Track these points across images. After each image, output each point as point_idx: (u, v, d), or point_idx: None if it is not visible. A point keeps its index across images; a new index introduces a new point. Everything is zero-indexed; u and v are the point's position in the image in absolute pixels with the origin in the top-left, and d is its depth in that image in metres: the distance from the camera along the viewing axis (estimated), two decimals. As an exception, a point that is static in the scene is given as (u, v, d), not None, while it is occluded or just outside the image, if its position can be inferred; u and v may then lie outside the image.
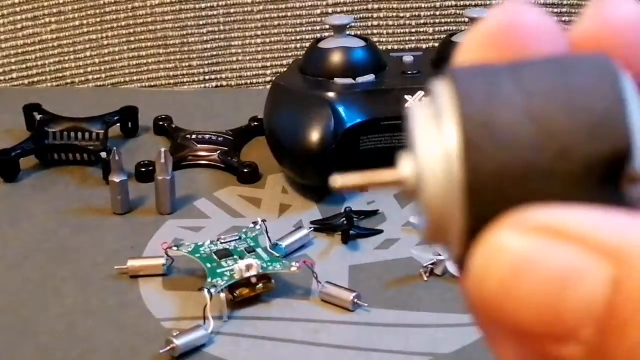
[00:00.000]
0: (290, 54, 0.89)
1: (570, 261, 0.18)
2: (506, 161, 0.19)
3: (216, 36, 0.93)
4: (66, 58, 0.93)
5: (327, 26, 0.76)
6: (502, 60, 0.20)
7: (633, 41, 0.21)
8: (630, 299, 0.17)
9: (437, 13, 0.92)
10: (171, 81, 0.94)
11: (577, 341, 0.18)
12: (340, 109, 0.70)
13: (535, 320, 0.18)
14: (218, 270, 0.58)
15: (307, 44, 0.77)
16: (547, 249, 0.18)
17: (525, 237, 0.18)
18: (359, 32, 0.79)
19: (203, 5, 0.92)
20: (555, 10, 0.92)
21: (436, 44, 0.79)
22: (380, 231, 0.66)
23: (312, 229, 0.65)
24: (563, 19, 0.92)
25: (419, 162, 0.20)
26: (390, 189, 0.21)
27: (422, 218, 0.21)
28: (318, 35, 0.78)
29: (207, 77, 0.94)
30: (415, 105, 0.21)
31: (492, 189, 0.19)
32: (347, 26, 0.74)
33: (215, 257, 0.60)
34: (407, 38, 0.92)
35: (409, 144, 0.21)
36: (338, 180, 0.21)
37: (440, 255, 0.61)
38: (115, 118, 0.80)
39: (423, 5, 0.91)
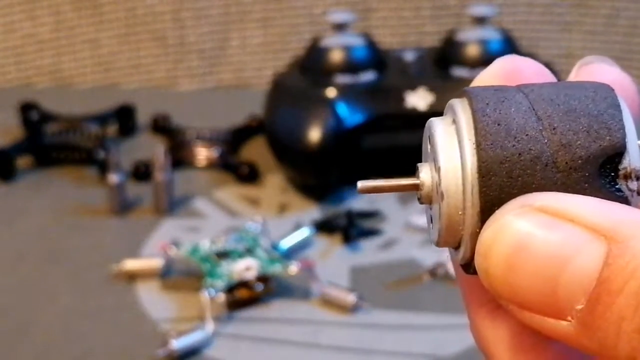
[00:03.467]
0: (290, 53, 0.89)
1: (568, 239, 0.20)
2: (516, 151, 0.21)
3: (215, 35, 0.92)
4: (64, 57, 0.93)
5: (327, 24, 0.75)
6: None
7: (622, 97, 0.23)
8: (620, 273, 0.19)
9: (439, 10, 0.91)
10: (170, 80, 0.93)
11: (571, 316, 0.20)
12: (341, 108, 0.69)
13: (535, 294, 0.20)
14: (217, 271, 0.58)
15: (307, 43, 0.76)
16: (547, 228, 0.20)
17: (529, 217, 0.20)
18: (359, 30, 0.78)
19: (202, 4, 0.91)
20: (557, 10, 0.91)
21: (437, 42, 0.79)
22: (381, 231, 0.66)
23: (312, 229, 0.64)
24: (563, 18, 0.91)
25: (439, 157, 0.22)
26: (409, 191, 0.24)
27: (434, 221, 0.23)
28: (318, 33, 0.78)
29: (206, 76, 0.93)
30: (435, 118, 0.23)
31: (504, 175, 0.21)
32: (348, 24, 0.73)
33: (214, 257, 0.59)
34: (408, 36, 0.92)
35: (425, 154, 0.24)
36: (362, 184, 0.23)
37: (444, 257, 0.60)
38: (113, 117, 0.80)
39: (424, 3, 0.91)
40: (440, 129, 0.23)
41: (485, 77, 0.25)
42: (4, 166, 0.73)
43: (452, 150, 0.22)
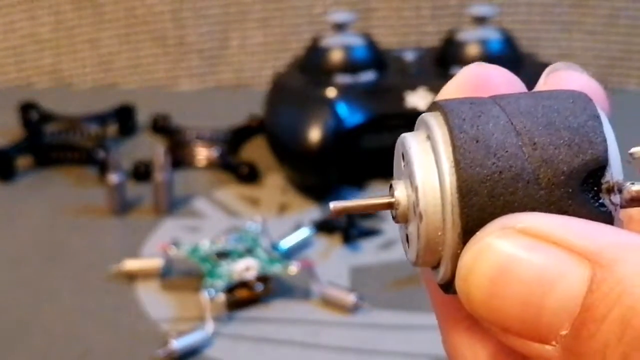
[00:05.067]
0: (290, 53, 0.89)
1: (551, 263, 0.19)
2: (496, 169, 0.21)
3: (215, 35, 0.92)
4: (64, 57, 0.93)
5: (327, 24, 0.75)
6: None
7: None
8: (604, 299, 0.18)
9: (439, 10, 0.91)
10: (170, 80, 0.93)
11: (555, 341, 0.19)
12: (341, 108, 0.69)
13: (518, 318, 0.19)
14: (217, 271, 0.58)
15: (307, 43, 0.76)
16: (531, 251, 0.19)
17: (511, 239, 0.20)
18: (359, 30, 0.78)
19: (202, 4, 0.91)
20: (557, 10, 0.91)
21: (438, 42, 0.79)
22: (381, 231, 0.66)
23: (312, 229, 0.64)
24: (563, 18, 0.91)
25: (416, 175, 0.21)
26: (383, 210, 0.23)
27: (412, 241, 0.22)
28: (318, 33, 0.78)
29: (206, 76, 0.93)
30: (408, 134, 0.22)
31: (485, 195, 0.21)
32: (348, 24, 0.73)
33: (214, 257, 0.59)
34: (408, 36, 0.92)
35: (398, 171, 0.23)
36: (334, 205, 0.23)
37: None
38: (113, 117, 0.80)
39: (424, 3, 0.91)
40: (415, 146, 0.22)
41: (453, 87, 0.24)
42: (4, 166, 0.73)
43: (429, 169, 0.21)
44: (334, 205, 0.22)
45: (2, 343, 0.55)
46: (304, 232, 0.64)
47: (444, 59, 0.74)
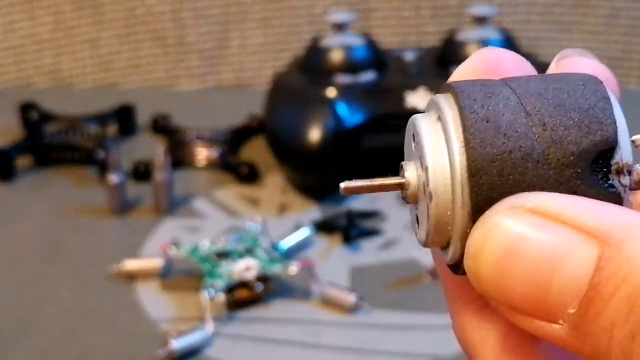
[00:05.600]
0: (290, 53, 0.89)
1: (559, 241, 0.19)
2: (506, 149, 0.21)
3: (215, 35, 0.92)
4: (64, 57, 0.93)
5: (327, 24, 0.75)
6: None
7: None
8: (611, 277, 0.19)
9: (439, 10, 0.91)
10: (170, 80, 0.93)
11: (563, 320, 0.19)
12: (341, 108, 0.69)
13: (526, 297, 0.20)
14: (217, 271, 0.58)
15: (307, 43, 0.76)
16: (539, 229, 0.20)
17: (520, 218, 0.20)
18: (359, 30, 0.78)
19: (202, 4, 0.91)
20: (557, 10, 0.91)
21: (438, 42, 0.79)
22: (381, 231, 0.66)
23: (312, 229, 0.64)
24: (563, 18, 0.91)
25: (426, 155, 0.21)
26: (394, 191, 0.23)
27: (422, 221, 0.22)
28: (318, 33, 0.78)
29: (206, 76, 0.93)
30: (419, 115, 0.23)
31: (495, 174, 0.21)
32: (348, 24, 0.73)
33: (213, 257, 0.59)
34: (408, 36, 0.92)
35: (409, 152, 0.23)
36: (345, 185, 0.23)
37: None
38: (113, 117, 0.80)
39: (424, 3, 0.91)
40: (425, 127, 0.22)
41: (464, 70, 0.24)
42: (4, 166, 0.73)
43: (439, 149, 0.21)
44: (344, 185, 0.23)
45: (2, 343, 0.55)
46: (304, 232, 0.64)
47: (444, 59, 0.74)
